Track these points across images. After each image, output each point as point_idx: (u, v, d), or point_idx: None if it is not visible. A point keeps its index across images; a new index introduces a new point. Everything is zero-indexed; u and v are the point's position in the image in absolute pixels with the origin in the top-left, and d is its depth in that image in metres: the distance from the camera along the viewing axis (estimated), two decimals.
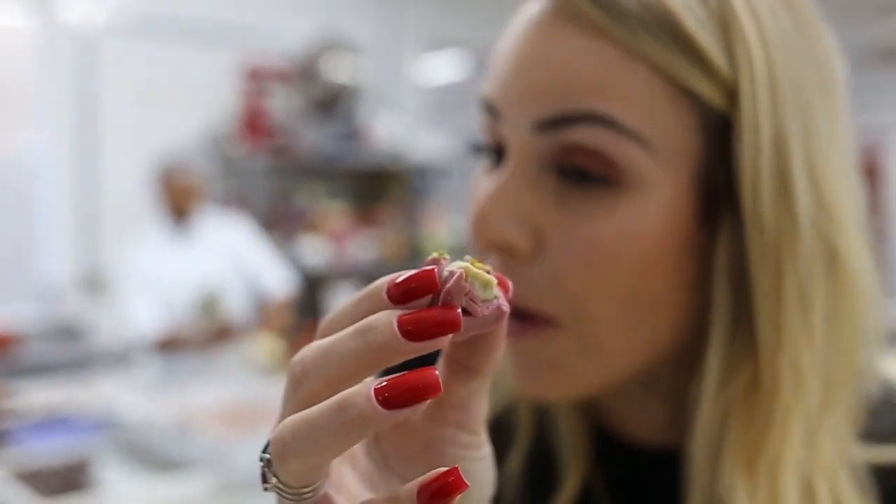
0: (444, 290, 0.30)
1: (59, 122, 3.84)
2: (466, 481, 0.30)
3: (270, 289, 3.41)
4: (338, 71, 4.24)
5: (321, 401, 0.30)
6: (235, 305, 3.26)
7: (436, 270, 0.30)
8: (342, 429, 0.29)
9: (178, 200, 3.23)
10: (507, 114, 0.47)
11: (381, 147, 4.43)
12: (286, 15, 4.34)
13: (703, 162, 0.46)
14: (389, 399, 0.29)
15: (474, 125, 0.53)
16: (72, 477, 1.81)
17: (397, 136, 4.52)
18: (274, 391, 2.67)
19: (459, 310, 0.30)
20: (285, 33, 4.22)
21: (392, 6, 4.77)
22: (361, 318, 0.30)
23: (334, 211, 4.35)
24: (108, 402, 2.30)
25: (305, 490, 0.32)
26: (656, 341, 0.48)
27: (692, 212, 0.46)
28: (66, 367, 3.19)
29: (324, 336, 0.32)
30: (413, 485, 0.30)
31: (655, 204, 0.45)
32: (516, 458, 0.57)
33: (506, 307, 0.32)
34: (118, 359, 3.28)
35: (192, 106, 4.09)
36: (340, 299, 3.16)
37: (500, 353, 0.34)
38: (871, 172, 4.78)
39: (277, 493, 0.32)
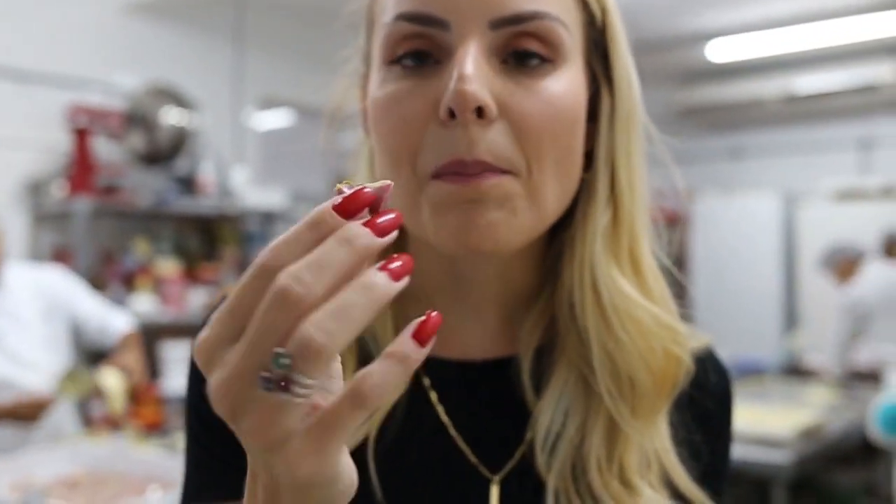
0: (378, 200, 0.40)
1: None
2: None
3: (112, 328, 2.99)
4: (170, 119, 4.16)
5: (320, 305, 0.37)
6: (55, 367, 2.79)
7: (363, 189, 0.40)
8: (372, 304, 0.38)
9: None
10: (460, 20, 0.58)
11: (212, 196, 4.35)
12: (121, 64, 4.21)
13: (586, 54, 0.64)
14: (396, 273, 0.39)
15: (302, 176, 0.59)
16: None
17: (229, 185, 4.47)
18: (104, 455, 2.55)
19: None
20: (119, 82, 4.09)
21: (227, 63, 4.75)
22: (316, 240, 0.38)
23: (165, 262, 4.21)
24: None
25: (321, 379, 0.39)
26: (565, 203, 0.63)
27: (585, 92, 0.63)
28: None
29: (276, 261, 0.39)
30: (405, 333, 0.40)
31: (576, 75, 0.62)
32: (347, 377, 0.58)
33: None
34: None
35: (11, 150, 3.88)
36: (175, 353, 2.96)
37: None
38: (674, 224, 5.20)
39: (301, 392, 0.38)
